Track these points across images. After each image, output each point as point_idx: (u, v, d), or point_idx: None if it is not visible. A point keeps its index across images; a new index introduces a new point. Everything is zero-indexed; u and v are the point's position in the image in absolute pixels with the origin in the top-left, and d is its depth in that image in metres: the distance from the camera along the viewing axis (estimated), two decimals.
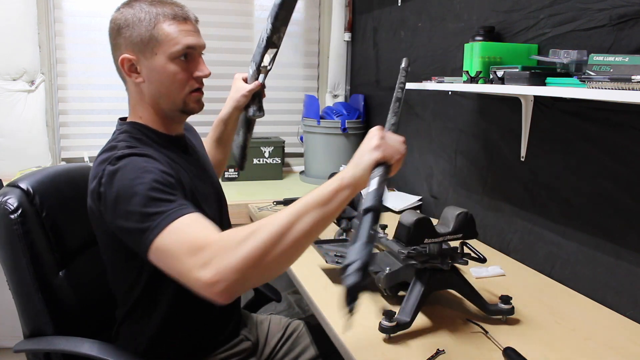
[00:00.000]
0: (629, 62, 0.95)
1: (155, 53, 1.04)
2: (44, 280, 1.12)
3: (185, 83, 1.07)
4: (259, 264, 0.77)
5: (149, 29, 1.03)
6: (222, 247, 0.78)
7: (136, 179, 0.91)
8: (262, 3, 2.67)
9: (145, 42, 1.04)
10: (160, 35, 1.03)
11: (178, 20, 1.06)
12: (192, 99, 1.10)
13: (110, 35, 1.10)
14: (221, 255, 0.77)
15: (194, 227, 0.85)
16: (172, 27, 1.05)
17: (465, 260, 1.12)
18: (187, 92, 1.09)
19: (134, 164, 0.94)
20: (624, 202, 1.19)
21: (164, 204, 0.88)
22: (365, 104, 2.53)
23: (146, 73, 1.06)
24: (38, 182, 1.17)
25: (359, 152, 0.85)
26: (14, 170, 2.12)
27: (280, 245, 0.78)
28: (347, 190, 0.81)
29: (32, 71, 2.28)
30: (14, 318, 1.16)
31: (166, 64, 1.04)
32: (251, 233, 0.78)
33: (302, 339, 1.37)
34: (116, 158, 0.95)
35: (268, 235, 0.77)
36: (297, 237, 0.78)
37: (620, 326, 1.14)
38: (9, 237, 1.10)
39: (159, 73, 1.05)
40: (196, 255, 0.79)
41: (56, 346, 1.10)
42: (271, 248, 0.77)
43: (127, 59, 1.06)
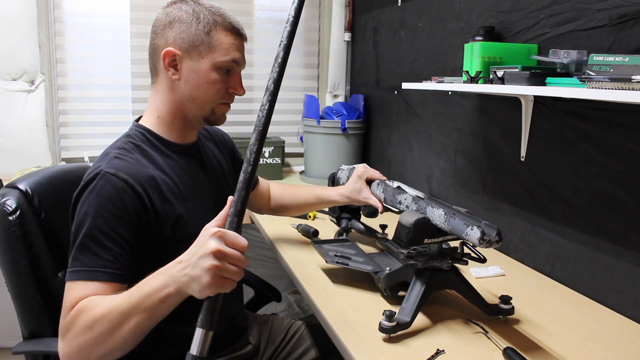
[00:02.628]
0: (629, 62, 0.95)
1: (202, 57, 1.05)
2: (42, 281, 1.12)
3: (220, 94, 1.09)
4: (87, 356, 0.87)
5: (204, 32, 1.05)
6: (72, 335, 0.88)
7: (93, 213, 0.94)
8: (262, 3, 2.67)
9: (197, 43, 1.05)
10: (213, 41, 1.05)
11: (233, 34, 1.08)
12: (220, 110, 1.12)
13: (158, 25, 1.08)
14: (71, 342, 0.88)
15: (81, 295, 0.90)
16: (227, 38, 1.07)
17: (465, 260, 1.12)
18: (218, 102, 1.10)
19: (103, 192, 0.95)
20: (624, 202, 1.19)
21: (91, 255, 0.92)
22: (365, 104, 2.53)
23: (186, 72, 1.06)
24: (36, 183, 1.17)
25: (191, 251, 0.82)
26: (13, 170, 2.12)
27: (107, 345, 0.86)
28: (175, 296, 0.83)
29: (32, 71, 2.28)
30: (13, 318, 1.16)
31: (209, 70, 1.06)
32: (88, 328, 0.86)
33: (304, 341, 1.37)
34: (95, 174, 0.98)
35: (99, 334, 0.85)
36: (124, 336, 0.85)
37: (620, 326, 1.14)
38: (7, 238, 1.10)
39: (200, 76, 1.06)
40: (63, 319, 0.89)
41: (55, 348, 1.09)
42: (99, 346, 0.86)
43: (171, 53, 1.05)
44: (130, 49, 2.47)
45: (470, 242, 1.01)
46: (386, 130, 2.37)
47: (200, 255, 0.78)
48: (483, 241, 0.96)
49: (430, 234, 1.09)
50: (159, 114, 1.10)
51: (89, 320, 0.86)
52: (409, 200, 1.20)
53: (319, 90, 2.86)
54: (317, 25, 2.79)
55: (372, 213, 1.45)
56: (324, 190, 1.48)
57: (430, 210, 1.11)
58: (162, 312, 0.85)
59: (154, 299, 0.82)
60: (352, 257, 1.32)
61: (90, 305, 0.87)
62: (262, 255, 2.40)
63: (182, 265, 0.81)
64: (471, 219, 1.01)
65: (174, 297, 0.82)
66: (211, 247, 0.77)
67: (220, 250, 0.77)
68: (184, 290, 0.81)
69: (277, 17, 2.69)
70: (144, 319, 0.84)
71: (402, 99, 2.21)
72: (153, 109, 1.12)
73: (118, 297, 0.86)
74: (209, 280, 0.77)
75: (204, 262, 0.77)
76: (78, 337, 0.87)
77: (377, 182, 1.38)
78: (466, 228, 1.00)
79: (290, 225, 1.74)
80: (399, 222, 1.11)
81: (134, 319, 0.84)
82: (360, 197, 1.39)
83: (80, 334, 0.86)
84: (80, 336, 0.86)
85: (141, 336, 0.87)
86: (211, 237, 0.78)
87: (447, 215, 1.06)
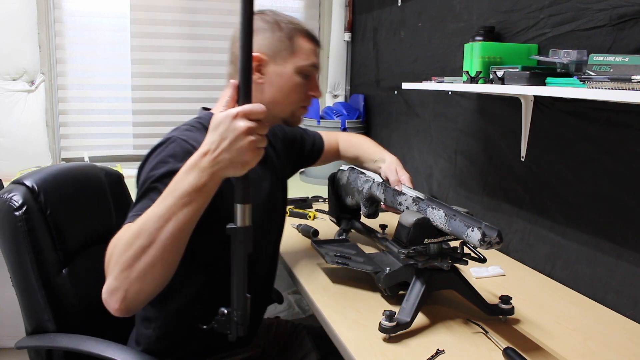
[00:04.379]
0: (629, 62, 0.95)
1: (286, 61, 1.12)
2: (47, 277, 1.13)
3: (300, 96, 1.16)
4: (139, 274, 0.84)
5: (287, 38, 1.12)
6: (113, 263, 0.85)
7: (160, 168, 0.96)
8: (262, 3, 2.67)
9: (281, 48, 1.12)
10: (296, 47, 1.13)
11: (313, 40, 1.17)
12: (300, 113, 1.19)
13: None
14: (111, 270, 0.85)
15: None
16: (307, 43, 1.15)
17: (465, 260, 1.12)
18: (299, 105, 1.17)
19: (173, 152, 0.99)
20: (624, 202, 1.19)
21: (149, 202, 0.91)
22: (365, 104, 2.53)
23: (271, 76, 1.12)
24: (42, 180, 1.18)
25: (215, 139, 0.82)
26: (13, 170, 2.12)
27: (147, 257, 0.83)
28: (211, 184, 0.83)
29: (32, 71, 2.28)
30: (15, 318, 1.16)
31: (293, 75, 1.13)
32: (128, 245, 0.83)
33: (305, 343, 1.37)
34: (167, 139, 1.02)
35: (139, 246, 0.83)
36: (164, 242, 0.83)
37: (620, 326, 1.15)
38: (13, 233, 1.11)
39: (284, 79, 1.13)
40: (105, 264, 0.87)
41: (58, 343, 1.11)
42: (139, 260, 0.83)
43: (257, 58, 1.10)
44: (130, 49, 2.46)
45: (470, 244, 1.01)
46: (386, 130, 2.37)
47: (233, 138, 0.80)
48: (484, 242, 0.96)
49: (430, 234, 1.09)
50: None
51: (128, 238, 0.84)
52: (409, 202, 1.20)
53: None
54: (317, 25, 2.79)
55: (373, 213, 1.45)
56: (369, 162, 1.49)
57: (430, 211, 1.11)
58: (201, 205, 0.84)
59: (191, 193, 0.82)
60: (352, 257, 1.32)
61: (126, 228, 0.87)
62: None
63: (212, 155, 0.81)
64: (472, 220, 1.01)
65: (211, 184, 0.83)
66: (241, 127, 0.79)
67: (249, 127, 0.80)
68: (219, 175, 0.83)
69: None
70: (183, 220, 0.83)
71: (402, 99, 2.21)
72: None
73: (151, 208, 0.85)
74: (249, 156, 0.81)
75: (240, 143, 0.80)
76: (119, 260, 0.83)
77: (378, 182, 1.38)
78: (467, 229, 1.00)
79: (290, 225, 1.74)
80: (399, 222, 1.11)
81: (173, 220, 0.82)
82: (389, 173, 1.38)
83: (121, 254, 0.83)
84: (121, 256, 0.83)
85: (181, 244, 0.85)
86: (235, 119, 0.80)
87: (447, 217, 1.06)
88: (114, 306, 0.85)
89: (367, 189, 1.42)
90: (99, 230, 1.31)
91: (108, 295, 0.85)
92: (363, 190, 1.43)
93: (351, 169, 1.53)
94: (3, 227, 1.12)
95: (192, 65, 2.59)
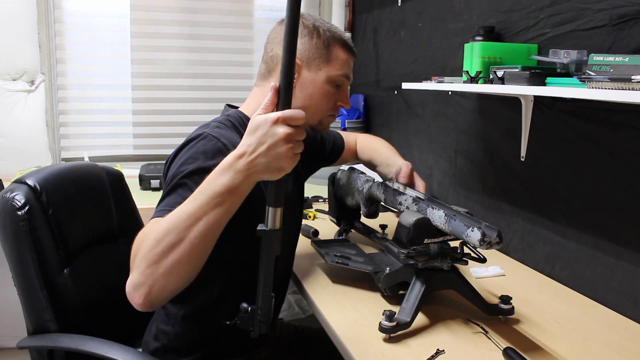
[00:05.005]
0: (629, 62, 0.95)
1: (320, 69, 1.13)
2: (48, 277, 1.13)
3: (329, 105, 1.16)
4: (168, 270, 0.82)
5: (324, 46, 1.12)
6: (139, 258, 0.83)
7: (190, 164, 0.96)
8: (262, 3, 2.67)
9: (316, 55, 1.12)
10: (332, 55, 1.13)
11: (349, 51, 1.17)
12: (327, 121, 1.20)
13: (278, 37, 1.15)
14: (138, 265, 0.83)
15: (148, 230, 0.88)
16: (343, 53, 1.15)
17: (465, 260, 1.12)
18: (327, 114, 1.17)
19: (204, 149, 0.98)
20: (624, 202, 1.19)
21: (177, 198, 0.92)
22: (365, 104, 2.53)
23: (302, 82, 1.12)
24: (44, 180, 1.18)
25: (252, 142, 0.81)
26: (13, 170, 2.12)
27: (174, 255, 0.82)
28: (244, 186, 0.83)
29: (32, 71, 2.28)
30: (16, 318, 1.16)
31: (324, 83, 1.13)
32: (156, 242, 0.82)
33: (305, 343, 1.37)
34: (198, 135, 1.01)
35: (167, 243, 0.82)
36: (192, 241, 0.82)
37: (620, 326, 1.15)
38: (15, 233, 1.11)
39: (315, 87, 1.13)
40: (132, 257, 0.86)
41: (60, 344, 1.11)
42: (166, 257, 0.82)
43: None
44: (130, 49, 2.46)
45: (470, 244, 1.01)
46: (386, 130, 2.37)
47: (272, 144, 0.79)
48: (484, 243, 0.96)
49: (430, 234, 1.09)
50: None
51: (157, 234, 0.83)
52: (409, 202, 1.20)
53: None
54: None
55: (372, 213, 1.45)
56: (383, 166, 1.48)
57: (430, 211, 1.11)
58: (232, 207, 0.84)
59: (224, 194, 0.82)
60: (352, 257, 1.32)
61: (154, 223, 0.87)
62: None
63: (249, 158, 0.80)
64: (471, 220, 1.01)
65: (244, 187, 0.82)
66: (280, 134, 0.79)
67: (289, 134, 0.79)
68: (254, 178, 0.82)
69: (277, 17, 2.68)
70: (214, 220, 0.82)
71: (402, 99, 2.21)
72: (256, 103, 1.11)
73: (182, 205, 0.84)
74: (286, 163, 0.80)
75: (279, 149, 0.79)
76: (147, 255, 0.82)
77: (378, 183, 1.38)
78: (467, 229, 1.00)
79: None
80: (399, 222, 1.11)
81: (204, 219, 0.82)
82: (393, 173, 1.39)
83: (149, 249, 0.82)
84: (149, 252, 0.82)
85: (209, 243, 0.85)
86: (275, 124, 0.79)
87: (447, 217, 1.06)
88: (138, 301, 0.84)
89: (367, 189, 1.42)
90: (100, 229, 1.31)
91: (132, 290, 0.84)
92: (363, 190, 1.43)
93: (351, 169, 1.53)
94: (5, 226, 1.12)
95: (192, 65, 2.59)
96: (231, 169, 0.82)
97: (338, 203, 1.60)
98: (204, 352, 1.13)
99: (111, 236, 1.35)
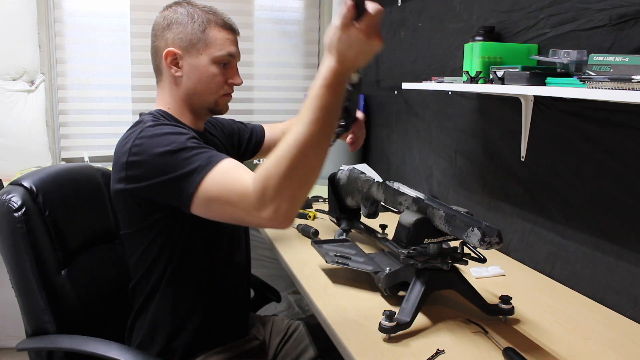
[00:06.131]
0: (629, 62, 0.95)
1: (200, 53, 1.13)
2: (46, 278, 1.13)
3: (220, 86, 1.16)
4: (299, 184, 0.84)
5: (200, 30, 1.12)
6: (265, 184, 0.83)
7: (171, 136, 0.99)
8: (262, 3, 2.67)
9: (195, 41, 1.12)
10: (210, 38, 1.13)
11: (226, 29, 1.16)
12: (223, 101, 1.20)
13: (157, 28, 1.15)
14: (267, 190, 0.83)
15: (237, 171, 0.91)
16: (221, 33, 1.15)
17: (465, 260, 1.12)
18: (221, 94, 1.18)
19: (166, 128, 1.02)
20: (624, 202, 1.19)
21: (202, 151, 0.95)
22: (365, 104, 2.53)
23: (187, 69, 1.13)
24: (40, 181, 1.18)
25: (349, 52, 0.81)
26: (13, 170, 2.12)
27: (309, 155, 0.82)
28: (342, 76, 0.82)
29: (32, 71, 2.28)
30: (15, 318, 1.16)
31: (208, 65, 1.13)
32: (281, 158, 0.82)
33: (302, 340, 1.38)
34: (144, 129, 1.02)
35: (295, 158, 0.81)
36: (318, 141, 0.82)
37: (620, 326, 1.15)
38: (12, 235, 1.11)
39: (200, 72, 1.13)
40: (247, 199, 0.85)
41: (60, 345, 1.10)
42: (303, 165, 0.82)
43: (172, 53, 1.12)
44: (130, 49, 2.46)
45: (470, 244, 1.01)
46: (386, 130, 2.37)
47: (369, 51, 0.80)
48: (484, 243, 0.96)
49: (430, 234, 1.09)
50: (169, 107, 1.16)
51: (280, 157, 0.82)
52: (409, 202, 1.20)
53: None
54: (317, 25, 2.79)
55: (372, 213, 1.45)
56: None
57: (430, 211, 1.11)
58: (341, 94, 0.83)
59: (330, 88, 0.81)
60: (352, 257, 1.32)
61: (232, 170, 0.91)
62: (262, 255, 2.40)
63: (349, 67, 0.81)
64: (472, 220, 1.01)
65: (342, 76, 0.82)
66: (377, 46, 0.79)
67: (380, 40, 0.79)
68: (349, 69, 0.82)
69: (277, 17, 2.69)
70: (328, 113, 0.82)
71: (402, 99, 2.21)
72: (163, 104, 1.17)
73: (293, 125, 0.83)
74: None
75: (373, 49, 0.80)
76: (280, 180, 0.82)
77: (378, 183, 1.38)
78: (467, 229, 1.00)
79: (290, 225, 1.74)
80: (399, 222, 1.11)
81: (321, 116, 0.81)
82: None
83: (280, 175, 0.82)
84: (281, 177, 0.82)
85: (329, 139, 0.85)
86: (372, 39, 0.78)
87: (447, 217, 1.06)
88: (283, 224, 0.86)
89: (367, 189, 1.42)
90: (97, 230, 1.31)
91: (273, 220, 0.85)
92: (363, 190, 1.44)
93: (351, 169, 1.53)
94: (2, 228, 1.12)
95: None
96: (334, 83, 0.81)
97: (338, 203, 1.60)
98: (183, 345, 1.15)
99: (108, 236, 1.35)
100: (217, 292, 1.18)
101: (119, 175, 1.03)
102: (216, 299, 1.18)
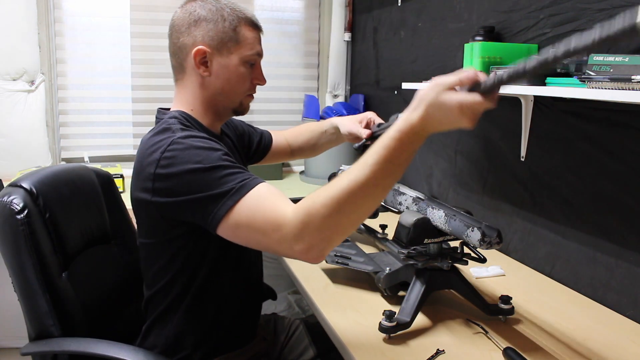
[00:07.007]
0: (629, 62, 0.96)
1: (231, 52, 1.09)
2: (49, 281, 1.11)
3: (247, 85, 1.14)
4: (342, 228, 0.82)
5: (231, 28, 1.09)
6: (308, 220, 0.80)
7: (204, 151, 0.94)
8: (262, 3, 2.67)
9: (226, 40, 1.08)
10: (241, 37, 1.09)
11: (255, 28, 1.13)
12: (247, 102, 1.17)
13: (181, 24, 1.12)
14: (308, 227, 0.80)
15: (273, 199, 0.87)
16: (251, 32, 1.11)
17: (465, 260, 1.12)
18: (246, 95, 1.15)
19: (198, 141, 0.96)
20: (624, 202, 1.19)
21: (236, 171, 0.91)
22: (365, 104, 2.53)
23: (216, 69, 1.09)
24: (40, 182, 1.17)
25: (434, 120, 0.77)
26: (13, 170, 2.12)
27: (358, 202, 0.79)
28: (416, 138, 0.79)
29: (32, 71, 2.28)
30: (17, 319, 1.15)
31: (238, 65, 1.10)
32: (330, 199, 0.79)
33: (302, 339, 1.38)
34: (175, 141, 0.97)
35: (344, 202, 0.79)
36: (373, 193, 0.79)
37: (620, 326, 1.15)
38: (15, 237, 1.09)
39: (230, 72, 1.10)
40: (282, 230, 0.83)
41: (67, 348, 1.09)
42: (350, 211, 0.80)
43: (201, 51, 1.08)
44: (130, 49, 2.46)
45: (470, 244, 1.01)
46: None
47: (454, 125, 0.77)
48: (483, 242, 0.96)
49: (430, 234, 1.09)
50: (192, 108, 1.13)
51: (329, 198, 0.79)
52: (409, 202, 1.20)
53: (319, 90, 2.86)
54: (317, 25, 2.79)
55: (373, 213, 1.44)
56: (322, 135, 1.48)
57: (430, 211, 1.11)
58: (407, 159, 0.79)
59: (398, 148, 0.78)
60: (352, 257, 1.32)
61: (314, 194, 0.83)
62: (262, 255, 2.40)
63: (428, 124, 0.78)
64: (471, 220, 1.01)
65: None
66: (463, 126, 0.75)
67: (473, 124, 0.76)
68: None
69: (277, 17, 2.69)
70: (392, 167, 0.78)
71: (402, 99, 2.21)
72: (185, 104, 1.14)
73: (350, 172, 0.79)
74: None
75: (459, 126, 0.76)
76: (324, 220, 0.79)
77: None
78: (467, 229, 1.00)
79: None
80: (399, 222, 1.11)
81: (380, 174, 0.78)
82: (354, 133, 1.33)
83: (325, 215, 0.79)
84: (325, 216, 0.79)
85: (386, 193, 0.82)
86: (466, 118, 0.75)
87: (447, 217, 1.06)
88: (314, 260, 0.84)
89: None
90: (95, 231, 1.30)
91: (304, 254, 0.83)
92: None
93: None
94: (5, 231, 1.10)
95: None
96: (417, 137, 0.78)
97: None
98: (196, 350, 1.13)
99: (105, 238, 1.34)
100: (239, 302, 1.17)
101: (145, 185, 0.98)
102: (238, 309, 1.17)
